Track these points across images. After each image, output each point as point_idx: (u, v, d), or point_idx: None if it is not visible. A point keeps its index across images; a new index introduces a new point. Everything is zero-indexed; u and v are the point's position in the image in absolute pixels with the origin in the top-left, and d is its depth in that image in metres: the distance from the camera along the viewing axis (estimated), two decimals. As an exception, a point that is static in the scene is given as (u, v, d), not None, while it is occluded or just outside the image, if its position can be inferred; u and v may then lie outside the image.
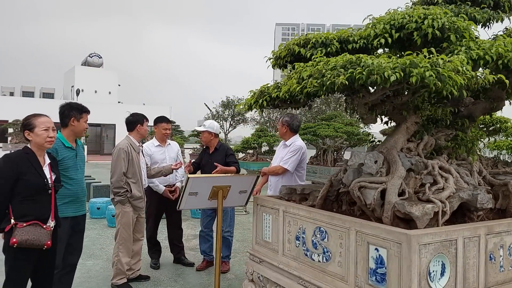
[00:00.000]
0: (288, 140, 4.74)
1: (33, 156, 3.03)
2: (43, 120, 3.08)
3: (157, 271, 5.22)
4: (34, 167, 2.98)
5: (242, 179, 3.42)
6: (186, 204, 3.30)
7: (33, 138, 3.04)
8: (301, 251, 2.95)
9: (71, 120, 3.84)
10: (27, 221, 2.87)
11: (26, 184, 2.90)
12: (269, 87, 3.15)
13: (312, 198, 3.38)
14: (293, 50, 2.90)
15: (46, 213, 3.01)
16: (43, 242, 2.89)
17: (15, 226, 2.83)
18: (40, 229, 2.90)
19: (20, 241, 2.80)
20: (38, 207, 2.95)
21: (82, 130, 3.90)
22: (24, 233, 2.83)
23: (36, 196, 2.95)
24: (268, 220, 3.32)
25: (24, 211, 2.89)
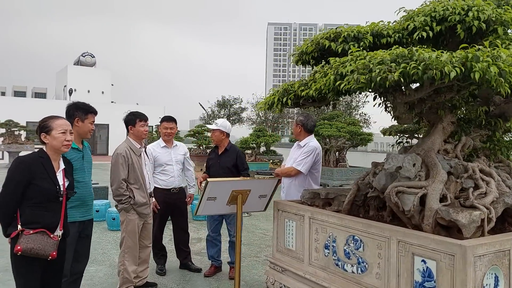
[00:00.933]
0: (302, 140, 4.54)
1: (47, 161, 2.86)
2: (60, 123, 2.91)
3: (163, 278, 4.99)
4: (47, 172, 2.80)
5: (262, 182, 3.21)
6: (204, 209, 3.08)
7: (50, 141, 2.87)
8: (331, 261, 2.75)
9: (76, 120, 3.63)
10: (34, 228, 2.70)
11: (37, 190, 2.74)
12: (292, 84, 2.94)
13: (337, 203, 3.18)
14: (322, 44, 2.69)
15: (55, 221, 2.84)
16: (48, 252, 2.71)
17: (21, 233, 2.67)
18: (47, 238, 2.73)
19: (24, 250, 2.63)
20: (48, 214, 2.78)
21: (86, 131, 3.67)
22: (30, 241, 2.66)
23: (47, 203, 2.78)
24: (291, 227, 3.11)
25: (33, 218, 2.73)
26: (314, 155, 4.40)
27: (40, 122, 2.92)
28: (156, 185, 5.06)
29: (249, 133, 14.82)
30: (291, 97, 2.84)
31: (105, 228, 7.49)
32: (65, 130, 2.87)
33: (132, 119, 4.44)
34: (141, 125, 4.41)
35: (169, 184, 5.12)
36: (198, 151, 13.18)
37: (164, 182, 5.10)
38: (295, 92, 2.82)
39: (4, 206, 2.73)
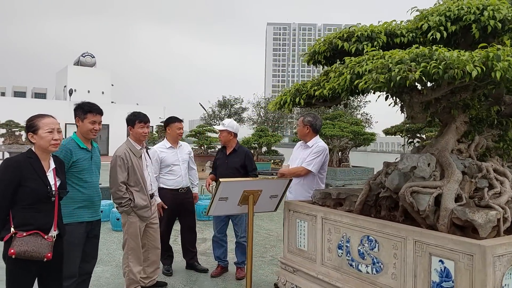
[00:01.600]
0: (309, 141, 4.53)
1: (36, 161, 2.78)
2: (47, 121, 2.83)
3: (170, 278, 4.98)
4: (36, 173, 2.72)
5: (274, 183, 3.20)
6: (216, 210, 3.07)
7: (37, 141, 2.79)
8: (344, 261, 2.74)
9: (76, 120, 3.61)
10: (27, 230, 2.63)
11: (27, 191, 2.66)
12: (304, 84, 2.93)
13: (348, 203, 3.17)
14: (334, 44, 2.69)
15: (49, 222, 2.77)
16: (43, 254, 2.64)
17: (15, 236, 2.60)
18: (40, 239, 2.66)
19: (18, 252, 2.56)
20: (40, 215, 2.71)
21: (86, 131, 3.59)
22: (23, 244, 2.58)
23: (38, 204, 2.71)
24: (303, 227, 3.10)
25: (25, 219, 2.65)
26: (324, 155, 4.39)
27: (27, 122, 2.84)
28: (164, 186, 5.05)
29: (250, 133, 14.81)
30: (304, 97, 2.83)
31: (109, 229, 7.47)
32: (52, 129, 2.79)
33: (131, 120, 4.36)
34: (140, 127, 4.32)
35: (177, 184, 5.10)
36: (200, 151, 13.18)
37: (172, 182, 5.08)
38: (307, 92, 2.80)
39: None
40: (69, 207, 3.44)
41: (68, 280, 3.43)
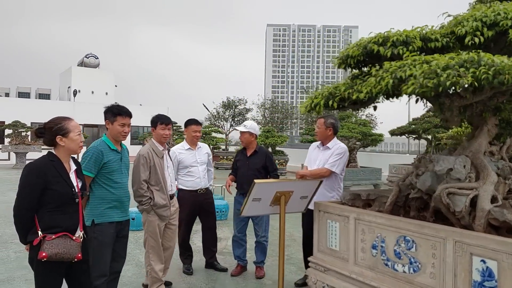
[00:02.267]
0: (329, 142, 4.59)
1: (59, 163, 2.82)
2: (75, 124, 2.92)
3: (191, 277, 5.05)
4: (61, 176, 2.77)
5: (305, 183, 3.26)
6: (249, 210, 3.13)
7: (66, 144, 2.84)
8: (379, 261, 2.80)
9: (106, 123, 3.69)
10: (55, 232, 2.68)
11: (53, 194, 2.70)
12: (337, 87, 3.00)
13: (378, 204, 3.23)
14: (369, 49, 2.75)
15: (75, 223, 2.83)
16: (73, 255, 2.71)
17: (44, 239, 2.64)
18: (69, 241, 2.72)
19: (50, 255, 2.61)
20: (66, 217, 2.77)
21: (116, 133, 3.68)
22: (54, 246, 2.63)
23: (64, 206, 2.76)
24: (334, 228, 3.16)
25: (52, 222, 2.70)
26: (346, 156, 4.47)
27: (53, 124, 2.85)
28: (183, 187, 5.12)
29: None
30: (336, 99, 2.89)
31: (125, 229, 7.53)
32: (80, 132, 2.89)
33: (154, 121, 4.49)
34: (161, 128, 4.43)
35: (196, 186, 5.18)
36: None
37: (191, 183, 5.15)
38: (341, 94, 2.87)
39: (20, 214, 2.68)
40: (100, 207, 3.52)
41: (99, 279, 3.50)
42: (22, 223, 2.69)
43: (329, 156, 4.48)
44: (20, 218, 2.69)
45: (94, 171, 3.47)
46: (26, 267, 5.33)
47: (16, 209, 2.68)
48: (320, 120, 4.65)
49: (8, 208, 9.46)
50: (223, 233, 7.32)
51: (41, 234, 2.64)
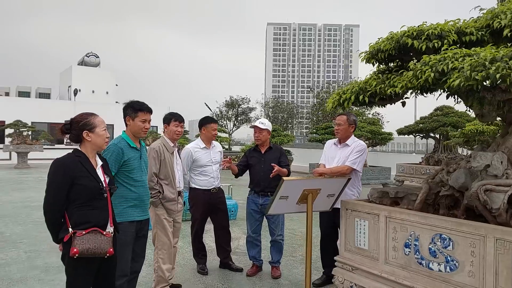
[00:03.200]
0: (348, 139, 4.54)
1: (85, 159, 2.80)
2: (101, 120, 2.90)
3: (207, 277, 4.98)
4: (87, 170, 2.75)
5: (333, 181, 3.20)
6: (275, 208, 3.07)
7: (93, 139, 2.82)
8: (412, 260, 2.74)
9: (127, 119, 3.63)
10: (86, 228, 2.64)
11: (81, 189, 2.67)
12: (367, 82, 2.94)
13: (406, 202, 3.17)
14: (402, 42, 2.68)
15: (105, 218, 2.79)
16: (105, 250, 2.66)
17: (74, 235, 2.60)
18: (100, 236, 2.67)
19: (81, 251, 2.57)
20: (96, 212, 2.73)
21: (137, 130, 3.63)
22: (85, 242, 2.60)
23: (93, 201, 2.73)
24: (363, 226, 3.11)
25: (82, 218, 2.66)
26: (366, 154, 4.43)
27: (80, 120, 2.84)
28: (196, 186, 5.06)
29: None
30: (367, 95, 2.83)
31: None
32: (105, 127, 2.86)
33: (168, 118, 4.49)
34: (175, 125, 4.45)
35: (209, 185, 5.11)
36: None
37: (204, 182, 5.09)
38: (373, 90, 2.81)
39: (50, 212, 2.67)
40: (120, 206, 3.45)
41: (121, 279, 3.44)
42: (52, 221, 2.66)
43: (348, 153, 4.42)
44: (50, 216, 2.66)
45: (114, 169, 3.41)
46: (38, 267, 5.30)
47: (46, 207, 2.66)
48: (342, 117, 4.57)
49: (14, 208, 9.40)
50: (234, 232, 7.23)
51: (71, 230, 2.60)
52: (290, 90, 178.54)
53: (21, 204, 10.02)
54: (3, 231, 7.23)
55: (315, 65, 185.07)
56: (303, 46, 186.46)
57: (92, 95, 36.00)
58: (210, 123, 5.14)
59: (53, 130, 30.68)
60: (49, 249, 6.07)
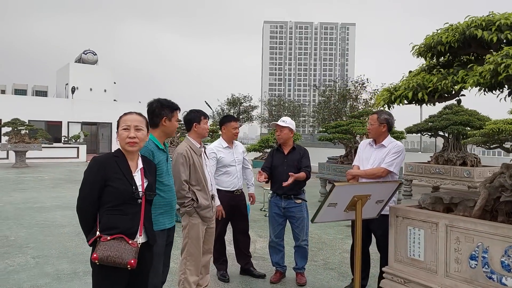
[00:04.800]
0: (384, 140, 4.27)
1: (122, 160, 2.59)
2: (125, 119, 2.65)
3: (228, 284, 4.72)
4: (122, 172, 2.53)
5: (383, 186, 2.94)
6: (323, 216, 2.80)
7: (118, 139, 2.64)
8: (480, 273, 2.48)
9: (163, 119, 3.32)
10: (112, 234, 2.42)
11: (112, 192, 2.47)
12: (427, 78, 2.67)
13: (462, 208, 2.91)
14: (469, 34, 2.42)
15: (134, 226, 2.52)
16: (125, 260, 2.37)
17: (99, 240, 2.40)
18: (124, 244, 2.41)
19: (101, 257, 2.35)
20: (125, 219, 2.49)
21: (173, 130, 3.42)
22: (107, 249, 2.37)
23: (123, 205, 2.49)
24: (417, 235, 2.84)
25: (110, 222, 2.46)
26: (403, 155, 4.16)
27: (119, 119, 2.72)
28: (219, 187, 4.78)
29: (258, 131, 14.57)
30: (426, 92, 2.57)
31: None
32: (128, 126, 2.59)
33: (197, 116, 4.13)
34: (205, 122, 4.15)
35: (233, 186, 4.86)
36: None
37: (228, 183, 4.84)
38: (432, 87, 2.54)
39: (82, 211, 2.53)
40: (152, 214, 3.16)
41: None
42: (83, 221, 2.53)
43: (384, 154, 4.15)
44: (80, 215, 2.54)
45: None
46: (49, 275, 5.00)
47: (78, 205, 2.53)
48: (373, 116, 4.31)
49: (16, 210, 9.07)
50: (254, 236, 6.98)
51: (98, 234, 2.42)
52: (287, 88, 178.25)
53: (23, 205, 9.69)
54: (7, 234, 6.92)
55: (312, 63, 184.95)
56: (300, 45, 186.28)
57: (90, 93, 35.57)
58: (231, 122, 4.87)
59: (50, 128, 30.30)
60: (58, 254, 5.78)
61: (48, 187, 13.02)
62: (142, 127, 2.66)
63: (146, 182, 2.63)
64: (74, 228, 7.42)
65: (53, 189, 12.58)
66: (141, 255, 2.52)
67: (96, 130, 34.65)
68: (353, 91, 16.26)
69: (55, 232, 7.10)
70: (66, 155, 25.07)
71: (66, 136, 28.85)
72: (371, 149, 4.34)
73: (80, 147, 25.95)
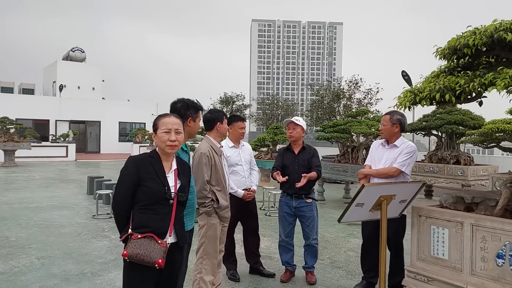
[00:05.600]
0: (396, 140, 4.33)
1: (157, 160, 2.64)
2: (165, 121, 2.67)
3: (239, 284, 4.73)
4: (156, 172, 2.58)
5: (408, 187, 2.98)
6: (349, 216, 2.83)
7: (157, 141, 2.67)
8: (507, 271, 2.55)
9: (188, 120, 3.32)
10: (143, 232, 2.47)
11: (145, 191, 2.53)
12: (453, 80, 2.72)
13: (483, 207, 2.98)
14: (499, 37, 2.48)
15: (165, 226, 2.55)
16: (154, 259, 2.41)
17: (130, 237, 2.46)
18: (154, 244, 2.45)
19: (130, 255, 2.41)
20: (157, 218, 2.53)
21: (196, 131, 3.42)
22: (137, 246, 2.42)
23: (156, 205, 2.54)
24: (441, 234, 2.90)
25: (142, 221, 2.50)
26: (416, 155, 4.22)
27: (154, 121, 2.77)
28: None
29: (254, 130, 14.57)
30: (453, 94, 2.62)
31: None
32: (169, 129, 2.62)
33: (220, 116, 4.16)
34: (226, 123, 4.20)
35: (241, 185, 4.87)
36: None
37: (236, 182, 4.85)
38: (462, 88, 2.59)
39: (118, 208, 2.58)
40: None
41: None
42: (117, 218, 2.59)
43: (397, 154, 4.21)
44: (115, 212, 2.59)
45: None
46: (57, 276, 4.93)
47: (114, 203, 2.60)
48: (385, 117, 4.38)
49: (12, 210, 8.92)
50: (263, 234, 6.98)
51: (129, 231, 2.49)
52: (275, 86, 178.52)
53: (19, 205, 9.53)
54: (7, 235, 6.80)
55: (300, 62, 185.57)
56: (288, 43, 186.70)
57: (78, 91, 35.12)
58: (237, 122, 4.88)
59: (37, 127, 29.81)
60: (63, 255, 5.71)
61: (41, 187, 12.83)
62: (181, 130, 2.72)
63: (179, 184, 2.66)
64: (74, 228, 7.34)
65: (46, 189, 12.40)
66: (171, 255, 2.56)
67: (84, 128, 34.22)
68: (347, 90, 16.43)
69: (55, 233, 7.01)
70: (55, 154, 24.71)
71: (54, 135, 28.42)
72: (383, 149, 4.39)
73: (69, 146, 25.59)
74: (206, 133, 4.26)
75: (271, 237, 6.79)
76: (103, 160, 26.32)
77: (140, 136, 29.45)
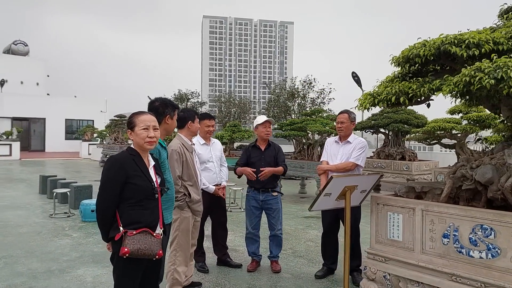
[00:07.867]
0: (349, 137, 4.78)
1: (138, 158, 2.77)
2: (143, 119, 2.81)
3: (209, 275, 4.95)
4: (140, 170, 2.71)
5: (367, 178, 3.38)
6: (319, 205, 3.17)
7: (134, 138, 2.79)
8: (451, 249, 2.99)
9: (166, 118, 3.51)
10: (136, 228, 2.60)
11: (134, 188, 2.64)
12: (407, 85, 3.13)
13: (431, 195, 3.43)
14: (443, 49, 2.91)
15: (155, 219, 2.75)
16: (155, 251, 2.63)
17: (125, 235, 2.57)
18: (150, 237, 2.64)
19: (132, 251, 2.53)
20: (147, 213, 2.69)
21: (173, 128, 3.61)
22: (136, 242, 2.56)
23: (145, 201, 2.68)
24: (396, 219, 3.31)
25: (133, 218, 2.62)
26: (367, 149, 4.70)
27: (128, 119, 2.85)
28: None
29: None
30: (407, 97, 3.04)
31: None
32: (147, 126, 2.75)
33: (191, 115, 4.37)
34: (197, 122, 4.42)
35: (212, 181, 5.09)
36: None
37: (207, 179, 5.05)
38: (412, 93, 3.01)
39: (103, 209, 2.63)
40: None
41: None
42: (104, 219, 2.63)
43: (351, 150, 4.65)
44: (103, 213, 2.63)
45: None
46: (23, 274, 4.91)
47: (99, 204, 2.64)
48: (344, 115, 4.78)
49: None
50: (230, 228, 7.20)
51: (122, 229, 2.56)
52: (228, 84, 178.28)
53: (-33, 206, 9.10)
54: (-40, 237, 6.55)
55: (252, 60, 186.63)
56: (240, 41, 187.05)
57: (21, 86, 33.30)
58: (204, 119, 5.08)
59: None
60: (26, 254, 5.63)
61: (-12, 187, 12.22)
62: (158, 127, 2.86)
63: (159, 178, 2.85)
64: (32, 228, 7.19)
65: (-6, 189, 11.84)
66: None
67: (28, 126, 32.55)
68: (301, 90, 17.04)
69: (13, 232, 6.84)
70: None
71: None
72: (338, 146, 4.82)
73: (13, 144, 24.29)
74: (177, 131, 4.44)
75: (233, 231, 7.03)
76: (50, 159, 25.23)
77: (89, 133, 28.51)
